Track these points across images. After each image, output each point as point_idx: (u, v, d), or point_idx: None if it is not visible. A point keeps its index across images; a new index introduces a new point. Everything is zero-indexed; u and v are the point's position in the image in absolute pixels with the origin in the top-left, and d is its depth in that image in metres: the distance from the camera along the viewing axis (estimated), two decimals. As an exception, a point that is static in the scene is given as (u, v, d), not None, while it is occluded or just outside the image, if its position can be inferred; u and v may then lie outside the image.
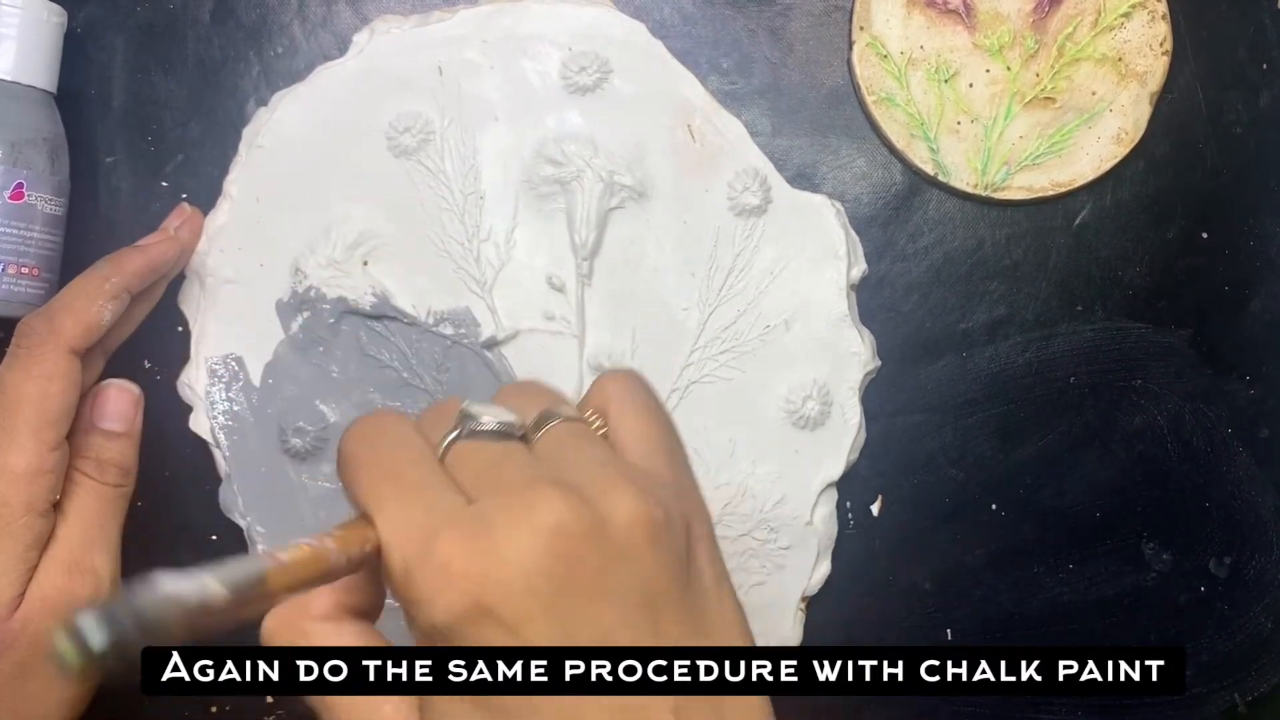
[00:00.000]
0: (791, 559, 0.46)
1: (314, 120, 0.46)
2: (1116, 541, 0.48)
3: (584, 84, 0.46)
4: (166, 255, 0.44)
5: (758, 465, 0.46)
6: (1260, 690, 0.48)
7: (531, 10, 0.46)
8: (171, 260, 0.44)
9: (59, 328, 0.41)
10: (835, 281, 0.46)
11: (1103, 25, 0.47)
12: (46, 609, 0.40)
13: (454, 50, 0.46)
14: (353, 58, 0.46)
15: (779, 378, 0.46)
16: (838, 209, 0.46)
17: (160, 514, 0.45)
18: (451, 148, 0.46)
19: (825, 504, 0.46)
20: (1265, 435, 0.48)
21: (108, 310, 0.41)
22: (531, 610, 0.28)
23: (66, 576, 0.41)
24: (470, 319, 0.46)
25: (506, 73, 0.46)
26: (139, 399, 0.44)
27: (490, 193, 0.46)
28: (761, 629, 0.46)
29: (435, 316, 0.46)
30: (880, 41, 0.47)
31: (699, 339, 0.46)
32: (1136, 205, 0.48)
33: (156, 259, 0.44)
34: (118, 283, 0.42)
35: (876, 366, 0.47)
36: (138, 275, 0.43)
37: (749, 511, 0.46)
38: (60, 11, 0.44)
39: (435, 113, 0.46)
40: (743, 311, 0.46)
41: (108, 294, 0.41)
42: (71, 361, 0.41)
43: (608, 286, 0.46)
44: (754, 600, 0.46)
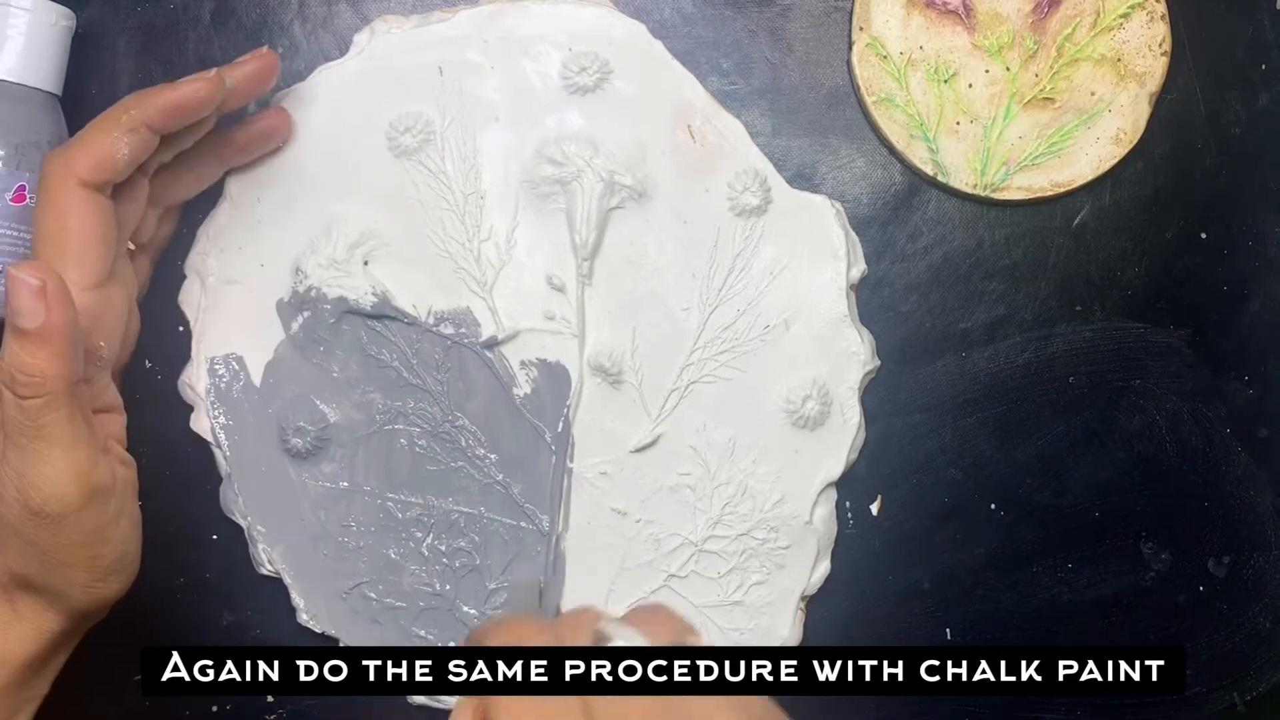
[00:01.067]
0: (791, 558, 0.46)
1: (314, 121, 0.46)
2: (1115, 541, 0.48)
3: (584, 84, 0.46)
4: (199, 94, 0.40)
5: (758, 465, 0.46)
6: (1259, 689, 0.48)
7: (532, 11, 0.46)
8: (205, 101, 0.40)
9: (70, 160, 0.39)
10: (835, 281, 0.46)
11: (1102, 26, 0.47)
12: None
13: (454, 50, 0.46)
14: (353, 58, 0.46)
15: (779, 377, 0.46)
16: (837, 209, 0.46)
17: (160, 514, 0.45)
18: (452, 148, 0.46)
19: (825, 503, 0.47)
20: (1264, 435, 0.48)
21: (123, 142, 0.39)
22: None
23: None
24: (470, 319, 0.46)
25: (507, 73, 0.46)
26: (39, 288, 0.36)
27: (491, 193, 0.46)
28: (761, 628, 0.46)
29: (436, 316, 0.46)
30: (880, 42, 0.47)
31: (699, 339, 0.46)
32: (1135, 205, 0.48)
33: (187, 97, 0.40)
34: (136, 115, 0.39)
35: (876, 366, 0.47)
36: (161, 110, 0.39)
37: (748, 511, 0.46)
38: (69, 14, 0.44)
39: (435, 113, 0.46)
40: (743, 311, 0.46)
41: (124, 125, 0.39)
42: (86, 196, 0.39)
43: (608, 287, 0.46)
44: (753, 600, 0.46)
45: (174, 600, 0.47)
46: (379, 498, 0.46)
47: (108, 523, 0.39)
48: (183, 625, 0.47)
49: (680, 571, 0.46)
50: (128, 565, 0.40)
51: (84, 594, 0.39)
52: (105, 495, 0.38)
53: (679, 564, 0.46)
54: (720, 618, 0.46)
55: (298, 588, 0.47)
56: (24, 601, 0.39)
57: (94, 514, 0.38)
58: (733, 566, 0.46)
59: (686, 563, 0.46)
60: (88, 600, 0.39)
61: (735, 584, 0.46)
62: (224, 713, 0.48)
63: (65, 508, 0.37)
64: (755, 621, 0.46)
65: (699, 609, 0.46)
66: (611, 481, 0.46)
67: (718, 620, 0.46)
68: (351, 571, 0.46)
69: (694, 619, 0.46)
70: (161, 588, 0.47)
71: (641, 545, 0.46)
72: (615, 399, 0.46)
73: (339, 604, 0.46)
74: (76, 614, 0.40)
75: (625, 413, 0.46)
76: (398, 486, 0.46)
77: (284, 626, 0.47)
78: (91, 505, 0.38)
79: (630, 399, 0.46)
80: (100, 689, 0.47)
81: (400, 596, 0.46)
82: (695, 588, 0.46)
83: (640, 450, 0.46)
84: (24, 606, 0.39)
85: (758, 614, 0.46)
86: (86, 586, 0.39)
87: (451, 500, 0.46)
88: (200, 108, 0.40)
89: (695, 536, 0.46)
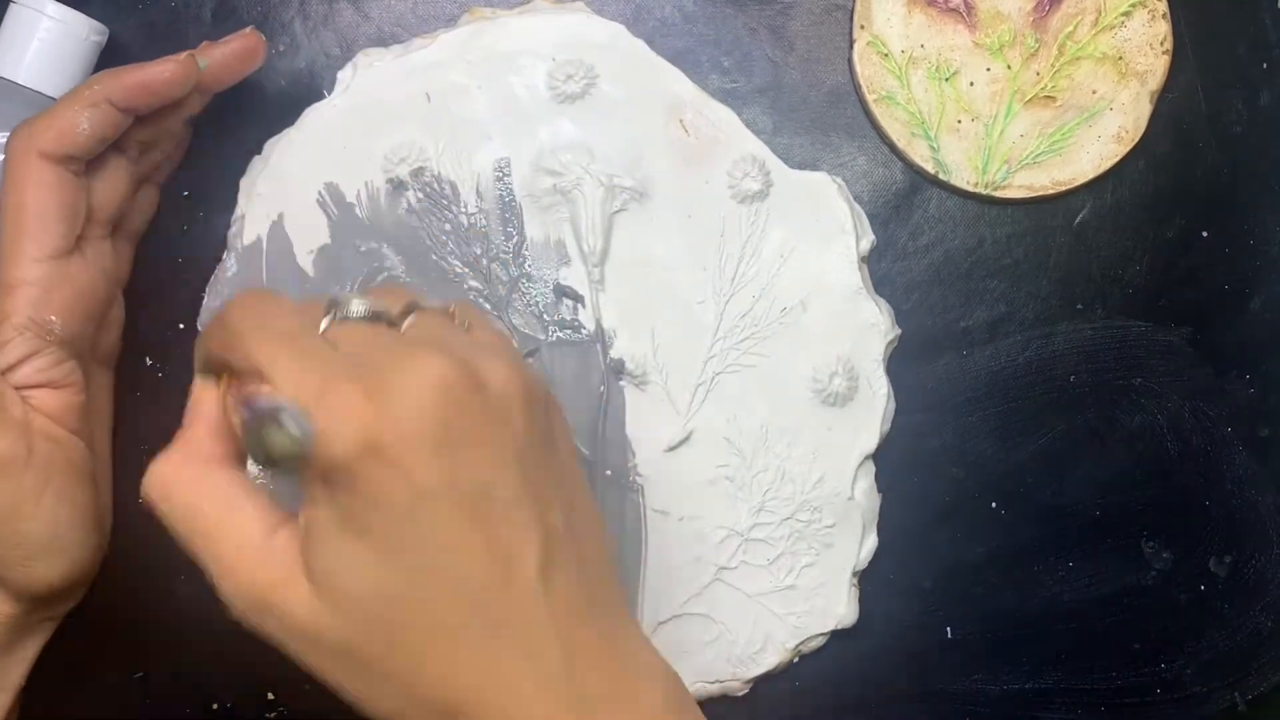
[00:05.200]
0: (838, 536, 0.46)
1: (309, 161, 0.45)
2: (1116, 540, 0.48)
3: (572, 92, 0.46)
4: (164, 75, 0.40)
5: (792, 448, 0.46)
6: (1260, 689, 0.48)
7: (510, 26, 0.46)
8: (174, 83, 0.41)
9: (33, 133, 0.39)
10: (845, 255, 0.46)
11: (1103, 24, 0.47)
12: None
13: (439, 75, 0.46)
14: (339, 95, 0.46)
15: (802, 358, 0.46)
16: (839, 184, 0.46)
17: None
18: (449, 172, 0.46)
19: (864, 477, 0.46)
20: (1265, 434, 0.48)
21: (84, 116, 0.39)
22: (422, 453, 0.30)
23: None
24: None
25: (494, 91, 0.46)
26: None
27: (493, 211, 0.46)
28: (817, 609, 0.46)
29: None
30: (881, 40, 0.47)
31: (718, 330, 0.46)
32: (1137, 204, 0.48)
33: (152, 77, 0.40)
34: (99, 90, 0.39)
35: (897, 335, 0.47)
36: (125, 88, 0.40)
37: (790, 495, 0.46)
38: (101, 29, 0.44)
39: (428, 139, 0.46)
40: (758, 297, 0.46)
41: (86, 100, 0.39)
42: (46, 167, 0.39)
43: (621, 290, 0.46)
44: (806, 582, 0.46)
45: (174, 597, 0.47)
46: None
47: (25, 498, 0.39)
48: (183, 622, 0.47)
49: (730, 563, 0.46)
50: (65, 548, 0.40)
51: (16, 573, 0.39)
52: (12, 468, 0.38)
53: (727, 556, 0.46)
54: (776, 604, 0.46)
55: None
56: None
57: (5, 486, 0.38)
58: (781, 552, 0.46)
59: (735, 553, 0.46)
60: (23, 580, 0.39)
61: (786, 569, 0.46)
62: (224, 711, 0.48)
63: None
64: (810, 603, 0.46)
65: (753, 598, 0.46)
66: (649, 483, 0.46)
67: (774, 607, 0.46)
68: None
69: (750, 609, 0.46)
70: (160, 585, 0.47)
71: (687, 542, 0.46)
72: (643, 401, 0.46)
73: None
74: (23, 596, 0.40)
75: (654, 413, 0.46)
76: None
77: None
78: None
79: (658, 399, 0.46)
80: (99, 687, 0.47)
81: None
82: (747, 577, 0.46)
83: (674, 449, 0.46)
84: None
85: (812, 596, 0.46)
86: (15, 564, 0.39)
87: None
88: (167, 89, 0.41)
89: (740, 526, 0.46)
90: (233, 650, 0.47)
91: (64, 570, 0.40)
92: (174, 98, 0.41)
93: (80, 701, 0.47)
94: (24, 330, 0.39)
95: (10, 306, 0.39)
